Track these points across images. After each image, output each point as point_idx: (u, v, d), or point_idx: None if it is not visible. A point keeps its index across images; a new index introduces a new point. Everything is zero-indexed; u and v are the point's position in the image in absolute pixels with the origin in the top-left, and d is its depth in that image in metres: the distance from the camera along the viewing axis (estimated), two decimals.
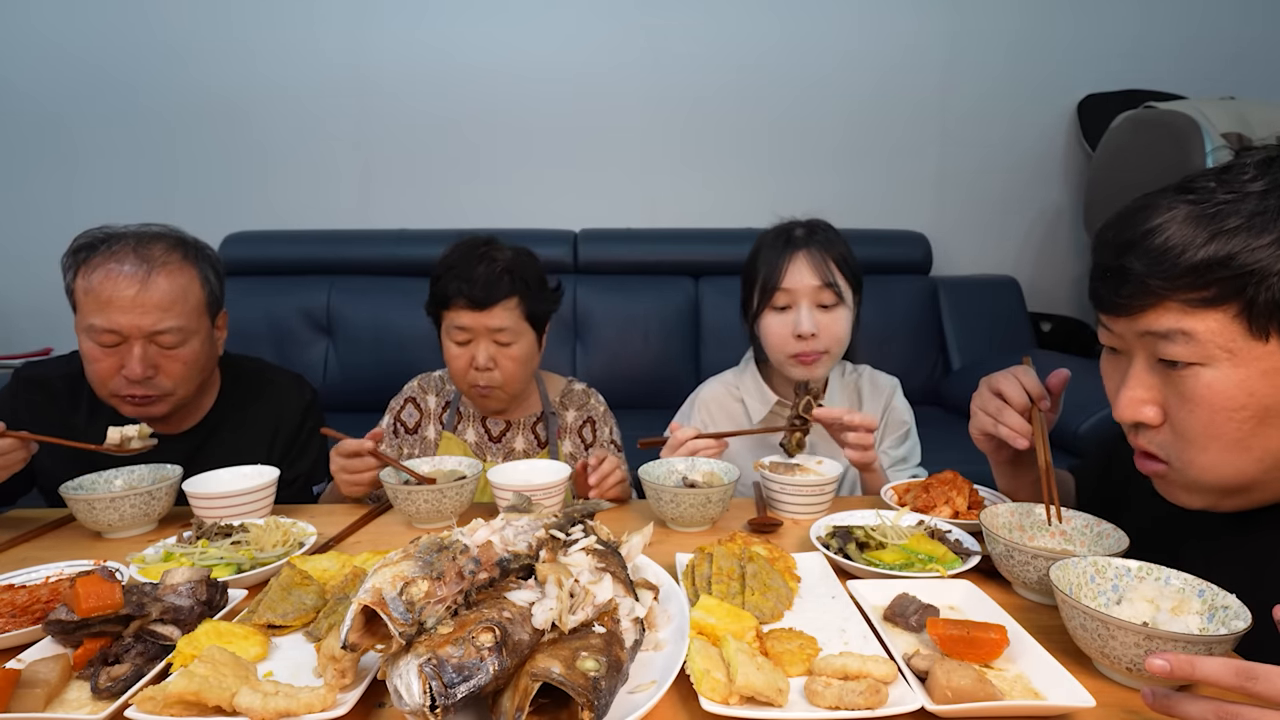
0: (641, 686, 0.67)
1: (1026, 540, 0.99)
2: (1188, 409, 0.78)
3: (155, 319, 1.28)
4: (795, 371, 1.45)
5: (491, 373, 1.45)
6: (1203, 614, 0.74)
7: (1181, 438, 0.80)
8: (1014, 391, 1.05)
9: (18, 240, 3.08)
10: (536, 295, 1.47)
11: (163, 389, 1.34)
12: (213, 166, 3.17)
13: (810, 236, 1.45)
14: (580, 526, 0.81)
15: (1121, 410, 0.84)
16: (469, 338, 1.44)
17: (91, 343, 1.29)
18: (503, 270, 1.42)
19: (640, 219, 3.28)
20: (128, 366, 1.28)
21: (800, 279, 1.42)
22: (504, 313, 1.42)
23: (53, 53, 3.04)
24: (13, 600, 0.84)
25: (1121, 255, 0.79)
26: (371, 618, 0.61)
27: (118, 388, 1.31)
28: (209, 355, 1.42)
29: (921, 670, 0.69)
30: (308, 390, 1.61)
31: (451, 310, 1.43)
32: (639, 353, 2.99)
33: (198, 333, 1.35)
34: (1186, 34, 3.27)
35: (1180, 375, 0.78)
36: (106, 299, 1.25)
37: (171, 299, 1.30)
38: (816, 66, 3.22)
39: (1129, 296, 0.79)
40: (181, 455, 1.32)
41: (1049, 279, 3.46)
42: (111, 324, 1.26)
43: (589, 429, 1.63)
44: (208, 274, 1.38)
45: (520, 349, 1.46)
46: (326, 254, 3.07)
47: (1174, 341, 0.76)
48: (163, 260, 1.30)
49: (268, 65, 3.11)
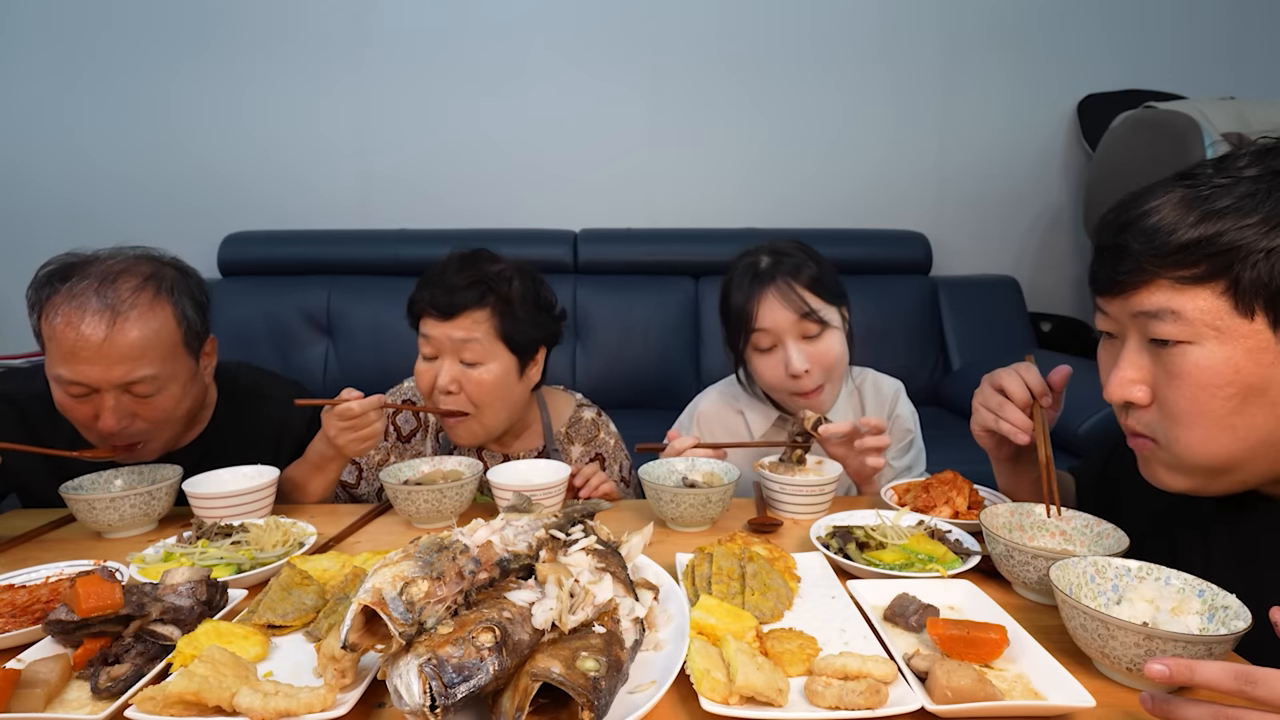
0: (641, 686, 0.67)
1: (1026, 540, 0.98)
2: (1175, 386, 0.79)
3: (126, 369, 1.15)
4: (801, 404, 1.39)
5: (455, 396, 1.32)
6: (1203, 614, 0.74)
7: (1168, 416, 0.81)
8: (1016, 387, 1.06)
9: (18, 240, 3.09)
10: (515, 314, 1.33)
11: (143, 436, 1.24)
12: (213, 166, 3.16)
13: (776, 267, 1.36)
14: (580, 526, 0.81)
15: (1111, 390, 0.85)
16: (434, 352, 1.33)
17: (61, 393, 1.18)
18: (477, 280, 1.31)
19: (640, 219, 3.28)
20: (101, 419, 1.17)
21: (776, 317, 1.34)
22: (471, 324, 1.30)
23: (53, 56, 3.04)
24: (13, 600, 0.84)
25: (1119, 235, 0.81)
26: (371, 618, 0.61)
27: (97, 436, 1.22)
28: (193, 394, 1.30)
29: (921, 670, 0.69)
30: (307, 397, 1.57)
31: (422, 319, 1.34)
32: (639, 353, 2.99)
33: (175, 377, 1.23)
34: (1186, 34, 3.27)
35: (1169, 354, 0.79)
36: (70, 349, 1.13)
37: (143, 347, 1.16)
38: (817, 67, 3.22)
39: (1125, 274, 0.80)
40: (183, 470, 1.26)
41: (1049, 279, 3.46)
42: (78, 376, 1.14)
43: (597, 466, 1.48)
44: (184, 308, 1.24)
45: (489, 373, 1.32)
46: (326, 254, 3.07)
47: (1164, 320, 0.78)
48: (130, 303, 1.16)
49: (271, 69, 3.11)
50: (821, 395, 1.39)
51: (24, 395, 1.31)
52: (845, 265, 1.50)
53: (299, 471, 1.35)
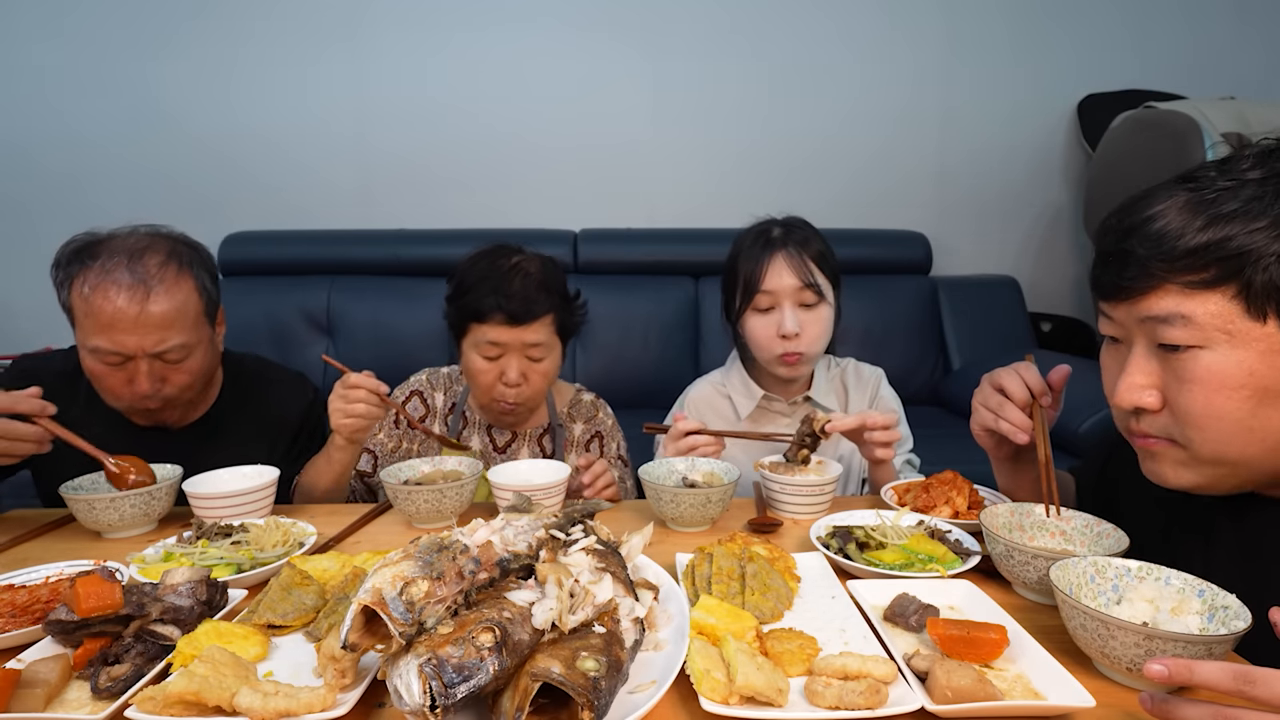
0: (641, 686, 0.67)
1: (1026, 540, 0.98)
2: (1187, 391, 0.78)
3: (158, 338, 1.27)
4: (781, 371, 1.47)
5: (520, 388, 1.42)
6: (1202, 614, 0.74)
7: (1181, 420, 0.80)
8: (1015, 386, 1.06)
9: (18, 240, 3.09)
10: (569, 309, 1.46)
11: (170, 398, 1.35)
12: (213, 166, 3.16)
13: (788, 236, 1.45)
14: (580, 526, 0.81)
15: (1120, 396, 0.84)
16: (500, 352, 1.40)
17: (95, 362, 1.28)
18: (539, 285, 1.39)
19: (640, 219, 3.28)
20: (136, 383, 1.28)
21: (781, 280, 1.42)
22: (540, 327, 1.39)
23: (51, 55, 3.04)
24: (13, 600, 0.84)
25: (1123, 240, 0.81)
26: (371, 618, 0.61)
27: (128, 402, 1.33)
28: (212, 359, 1.42)
29: (921, 670, 0.69)
30: (310, 389, 1.61)
31: (485, 324, 1.37)
32: (639, 353, 2.99)
33: (200, 343, 1.35)
34: (1186, 34, 3.27)
35: (1179, 359, 0.78)
36: (108, 322, 1.24)
37: (172, 317, 1.28)
38: (816, 66, 3.22)
39: (1131, 279, 0.79)
40: (185, 449, 1.34)
41: (1049, 279, 3.46)
42: (116, 346, 1.25)
43: (596, 443, 1.61)
44: (203, 280, 1.36)
45: (550, 364, 1.44)
46: (326, 254, 3.07)
47: (1173, 325, 0.77)
48: (159, 276, 1.27)
49: (268, 63, 3.11)
50: (800, 366, 1.46)
51: (46, 372, 1.39)
52: (845, 265, 1.52)
53: (313, 463, 1.39)
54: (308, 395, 1.59)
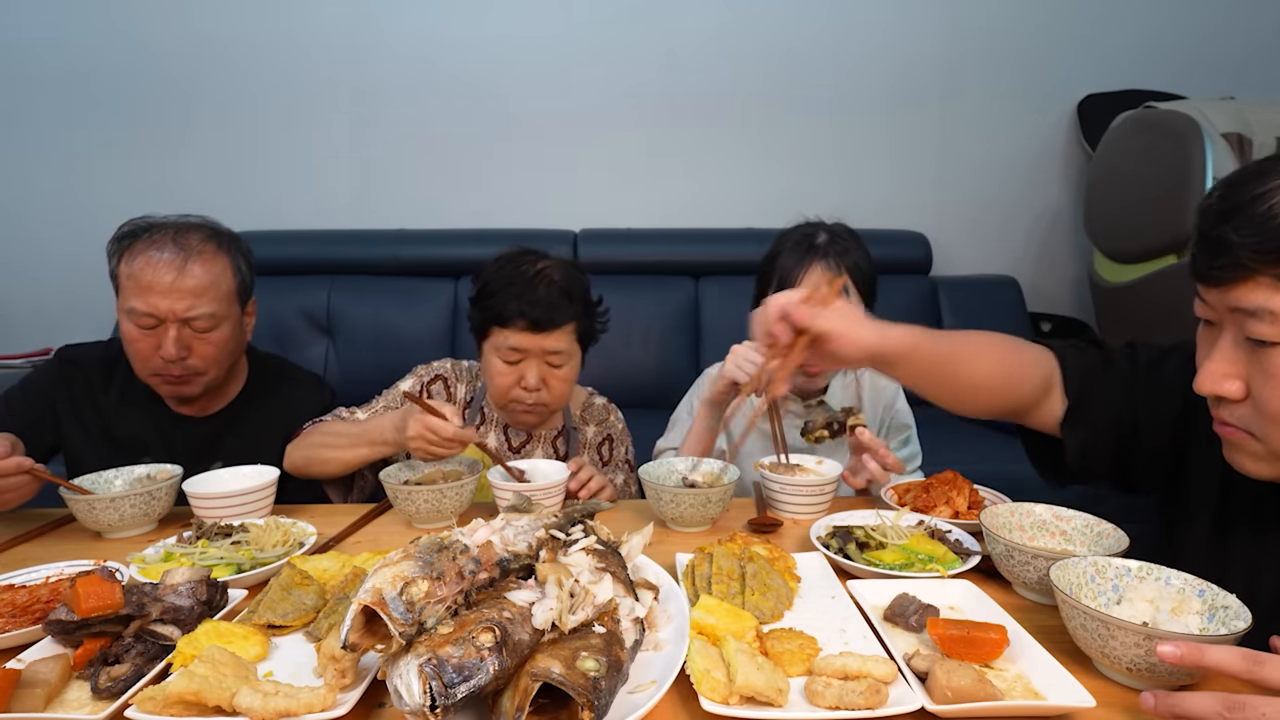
0: (641, 686, 0.67)
1: (1026, 540, 0.99)
2: (1272, 387, 0.76)
3: (189, 304, 1.34)
4: (800, 380, 1.46)
5: (539, 393, 1.41)
6: (1203, 614, 0.74)
7: (1262, 414, 0.78)
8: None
9: (18, 241, 3.08)
10: (590, 317, 1.46)
11: (195, 369, 1.40)
12: (212, 166, 3.16)
13: (830, 246, 1.45)
14: (580, 526, 0.81)
15: (1202, 382, 0.81)
16: (520, 358, 1.40)
17: (130, 324, 1.36)
18: (562, 293, 1.38)
19: (640, 219, 3.27)
20: (163, 347, 1.35)
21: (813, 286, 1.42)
22: (562, 334, 1.39)
23: (50, 57, 3.04)
24: (13, 600, 0.84)
25: (1222, 223, 0.76)
26: (371, 618, 0.61)
27: (155, 367, 1.38)
28: (238, 340, 1.47)
29: (921, 670, 0.69)
30: (327, 392, 1.63)
31: (507, 329, 1.37)
32: (639, 353, 2.98)
33: (228, 318, 1.41)
34: (1187, 34, 3.26)
35: (1266, 353, 0.75)
36: (146, 284, 1.32)
37: (205, 285, 1.36)
38: (817, 66, 3.21)
39: (1222, 268, 0.76)
40: (205, 437, 1.47)
41: (1049, 279, 3.46)
42: (150, 307, 1.33)
43: (607, 446, 1.61)
44: (240, 264, 1.45)
45: (570, 370, 1.44)
46: (325, 254, 3.06)
47: (1261, 320, 0.74)
48: (198, 249, 1.37)
49: (267, 64, 3.11)
50: (821, 379, 1.48)
51: (86, 360, 1.51)
52: None
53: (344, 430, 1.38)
54: (324, 399, 1.60)
